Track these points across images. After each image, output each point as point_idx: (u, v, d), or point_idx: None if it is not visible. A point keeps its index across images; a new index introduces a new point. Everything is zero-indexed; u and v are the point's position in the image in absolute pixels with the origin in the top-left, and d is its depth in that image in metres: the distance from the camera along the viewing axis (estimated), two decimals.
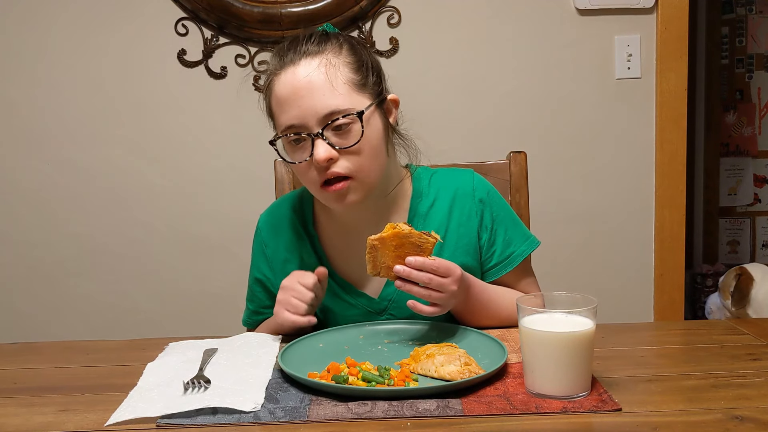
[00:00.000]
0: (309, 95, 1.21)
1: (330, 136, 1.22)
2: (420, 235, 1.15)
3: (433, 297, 1.17)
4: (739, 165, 3.94)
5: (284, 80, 1.23)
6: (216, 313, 2.44)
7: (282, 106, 1.24)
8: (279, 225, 1.40)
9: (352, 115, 1.22)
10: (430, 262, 1.15)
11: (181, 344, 1.24)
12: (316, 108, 1.21)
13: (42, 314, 2.50)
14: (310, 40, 1.26)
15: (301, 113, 1.21)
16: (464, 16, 2.38)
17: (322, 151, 1.21)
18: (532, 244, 1.39)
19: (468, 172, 1.41)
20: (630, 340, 1.25)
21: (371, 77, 1.28)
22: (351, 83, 1.24)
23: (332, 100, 1.21)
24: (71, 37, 2.39)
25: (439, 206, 1.36)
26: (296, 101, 1.22)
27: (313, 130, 1.22)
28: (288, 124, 1.23)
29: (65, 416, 0.97)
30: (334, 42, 1.26)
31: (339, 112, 1.21)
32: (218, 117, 2.43)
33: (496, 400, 0.96)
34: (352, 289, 1.35)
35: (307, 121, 1.21)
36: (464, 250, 1.34)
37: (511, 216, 1.41)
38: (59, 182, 2.45)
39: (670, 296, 2.46)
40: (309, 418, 0.92)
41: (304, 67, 1.22)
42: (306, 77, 1.22)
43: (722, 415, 0.90)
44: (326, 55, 1.24)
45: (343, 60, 1.25)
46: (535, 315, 0.99)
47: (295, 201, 1.43)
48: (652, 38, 2.38)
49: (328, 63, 1.23)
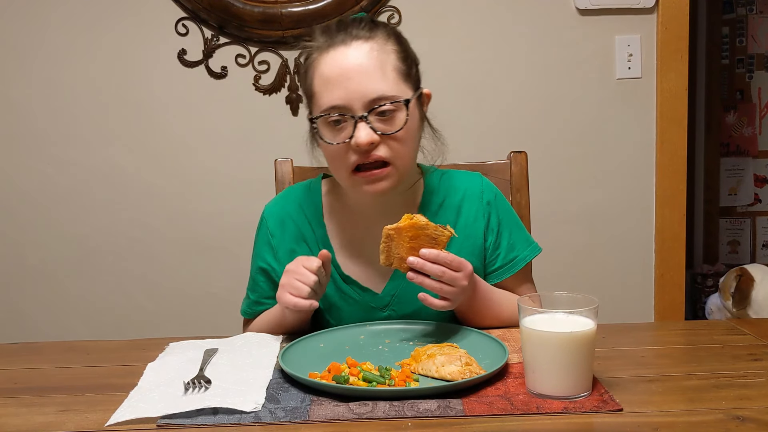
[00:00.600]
0: (358, 77, 1.21)
1: (373, 121, 1.22)
2: (436, 228, 1.15)
3: (445, 291, 1.17)
4: (740, 165, 3.94)
5: (333, 60, 1.23)
6: (216, 313, 2.44)
7: (327, 85, 1.23)
8: (286, 216, 1.40)
9: (399, 102, 1.23)
10: (444, 255, 1.15)
11: (181, 344, 1.24)
12: (364, 91, 1.21)
13: (42, 314, 2.50)
14: (360, 24, 1.26)
15: (347, 95, 1.21)
16: (464, 17, 2.38)
17: (365, 134, 1.20)
18: (534, 250, 1.41)
19: (477, 175, 1.43)
20: (631, 341, 1.25)
21: (414, 68, 1.30)
22: (398, 71, 1.25)
23: (381, 85, 1.22)
24: (71, 37, 2.39)
25: (448, 206, 1.38)
26: (344, 82, 1.21)
27: (356, 113, 1.21)
28: (332, 105, 1.22)
29: (66, 416, 0.97)
30: (383, 30, 1.27)
31: (386, 98, 1.22)
32: (219, 117, 2.43)
33: (497, 401, 0.96)
34: (356, 283, 1.35)
35: (352, 104, 1.21)
36: (469, 250, 1.35)
37: (516, 221, 1.43)
38: (59, 182, 2.45)
39: (671, 296, 2.45)
40: (310, 419, 0.92)
41: (356, 50, 1.22)
42: (357, 59, 1.22)
43: (723, 416, 0.90)
44: (377, 41, 1.24)
45: (392, 48, 1.26)
46: (536, 315, 0.99)
47: (303, 192, 1.42)
48: (652, 38, 2.38)
49: (379, 48, 1.24)
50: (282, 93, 2.41)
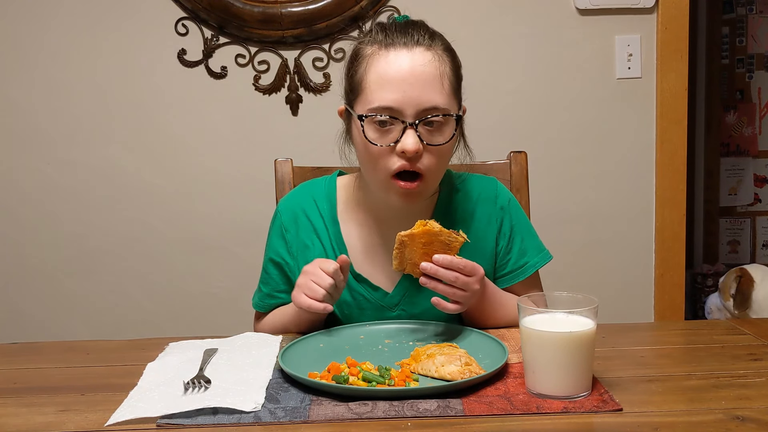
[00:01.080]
0: (419, 84, 1.20)
1: (421, 130, 1.21)
2: (449, 234, 1.16)
3: (457, 295, 1.18)
4: (740, 165, 3.94)
5: (395, 61, 1.22)
6: (216, 313, 2.44)
7: (383, 85, 1.21)
8: (300, 211, 1.40)
9: (450, 116, 1.23)
10: (458, 261, 1.16)
11: (181, 344, 1.24)
12: (420, 99, 1.20)
13: (42, 314, 2.50)
14: (421, 31, 1.26)
15: (404, 99, 1.20)
16: (464, 16, 2.38)
17: (413, 142, 1.20)
18: (545, 257, 1.42)
19: (492, 179, 1.44)
20: (631, 340, 1.25)
21: (461, 84, 1.30)
22: (452, 85, 1.25)
23: (437, 97, 1.21)
24: (71, 37, 2.39)
25: (462, 209, 1.38)
26: (403, 86, 1.20)
27: (407, 119, 1.21)
28: (385, 105, 1.21)
29: (65, 416, 0.97)
30: (441, 41, 1.28)
31: (439, 110, 1.21)
32: (218, 117, 2.43)
33: (497, 400, 0.96)
34: (367, 281, 1.35)
35: (405, 109, 1.20)
36: (481, 254, 1.35)
37: (529, 228, 1.43)
38: (59, 182, 2.45)
39: (671, 296, 2.45)
40: (309, 418, 0.92)
41: (419, 56, 1.22)
42: (419, 66, 1.21)
43: (723, 416, 0.90)
44: (437, 51, 1.25)
45: (449, 60, 1.26)
46: (535, 315, 0.99)
47: (318, 189, 1.42)
48: (652, 38, 2.38)
49: (440, 59, 1.24)
50: (282, 93, 2.41)
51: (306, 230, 1.38)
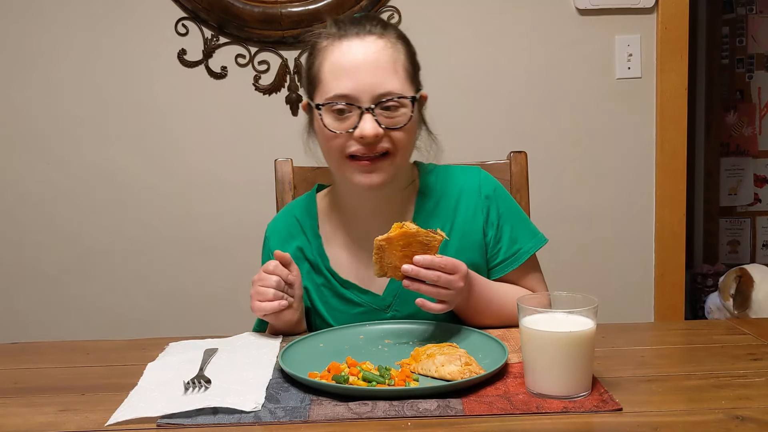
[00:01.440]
0: (372, 71, 1.23)
1: (378, 114, 1.24)
2: (427, 234, 1.15)
3: (442, 294, 1.17)
4: (740, 165, 3.94)
5: (347, 50, 1.25)
6: (216, 313, 2.44)
7: (338, 74, 1.24)
8: (287, 233, 1.41)
9: (405, 98, 1.25)
10: (438, 260, 1.15)
11: (181, 344, 1.24)
12: (375, 84, 1.23)
13: (42, 314, 2.50)
14: (374, 21, 1.29)
15: (358, 86, 1.23)
16: (464, 17, 2.38)
17: (371, 127, 1.23)
18: (539, 241, 1.40)
19: (475, 169, 1.43)
20: (630, 340, 1.25)
21: (418, 72, 1.33)
22: (406, 71, 1.28)
23: (391, 81, 1.24)
24: (71, 37, 2.39)
25: (445, 203, 1.37)
26: (356, 73, 1.23)
27: (363, 104, 1.23)
28: (340, 93, 1.24)
29: (66, 416, 0.97)
30: (394, 30, 1.31)
31: (395, 94, 1.24)
32: (218, 117, 2.43)
33: (497, 400, 0.96)
34: (357, 287, 1.35)
35: (360, 95, 1.23)
36: (470, 246, 1.35)
37: (519, 213, 1.41)
38: (59, 183, 2.45)
39: (671, 296, 2.45)
40: (309, 418, 0.92)
41: (371, 44, 1.25)
42: (371, 53, 1.24)
43: (723, 415, 0.90)
44: (390, 39, 1.27)
45: (402, 48, 1.29)
46: (535, 315, 0.99)
47: (300, 207, 1.44)
48: (652, 38, 2.38)
49: (392, 47, 1.26)
50: (282, 93, 2.41)
51: (294, 251, 1.39)
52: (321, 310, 1.37)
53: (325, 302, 1.37)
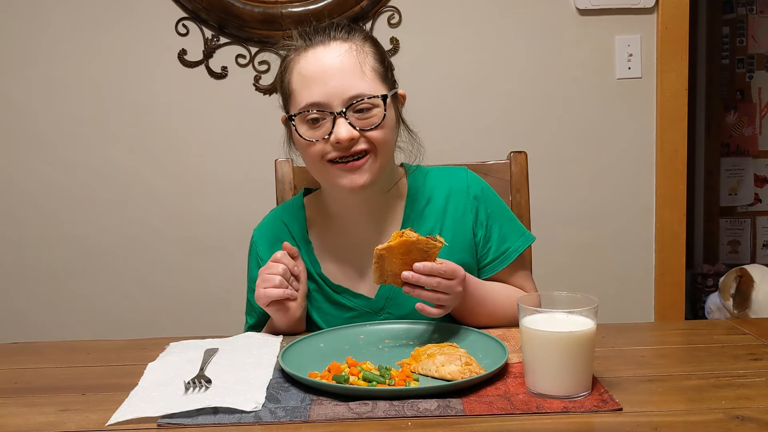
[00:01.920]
0: (339, 76, 1.23)
1: (352, 118, 1.24)
2: (427, 241, 1.15)
3: (441, 299, 1.18)
4: (740, 165, 3.94)
5: (313, 59, 1.26)
6: (217, 313, 2.44)
7: (306, 83, 1.25)
8: (273, 237, 1.41)
9: (377, 98, 1.25)
10: (438, 267, 1.16)
11: (182, 344, 1.24)
12: (343, 88, 1.23)
13: (43, 314, 2.50)
14: (338, 28, 1.29)
15: (327, 92, 1.23)
16: (464, 17, 2.38)
17: (345, 130, 1.23)
18: (527, 239, 1.41)
19: (462, 169, 1.43)
20: (630, 340, 1.25)
21: (390, 71, 1.32)
22: (375, 71, 1.27)
23: (360, 84, 1.24)
24: (71, 37, 2.39)
25: (434, 205, 1.38)
26: (324, 80, 1.24)
27: (335, 109, 1.23)
28: (311, 102, 1.24)
29: (66, 416, 0.97)
30: (359, 33, 1.30)
31: (365, 95, 1.24)
32: (219, 117, 2.43)
33: (497, 400, 0.96)
34: (349, 291, 1.35)
35: (331, 101, 1.23)
36: (460, 247, 1.35)
37: (506, 212, 1.42)
38: (60, 182, 2.45)
39: (671, 296, 2.45)
40: (310, 418, 0.92)
41: (336, 50, 1.25)
42: (338, 58, 1.24)
43: (723, 415, 0.90)
44: (355, 42, 1.27)
45: (369, 49, 1.29)
46: (535, 315, 0.99)
47: (286, 212, 1.44)
48: (652, 38, 2.38)
49: (357, 49, 1.26)
50: None
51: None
52: (313, 315, 1.37)
53: (318, 308, 1.37)
